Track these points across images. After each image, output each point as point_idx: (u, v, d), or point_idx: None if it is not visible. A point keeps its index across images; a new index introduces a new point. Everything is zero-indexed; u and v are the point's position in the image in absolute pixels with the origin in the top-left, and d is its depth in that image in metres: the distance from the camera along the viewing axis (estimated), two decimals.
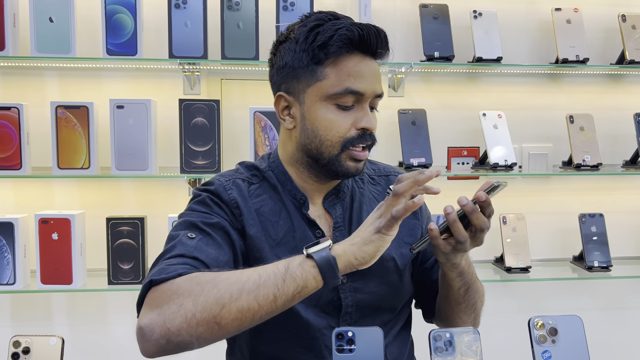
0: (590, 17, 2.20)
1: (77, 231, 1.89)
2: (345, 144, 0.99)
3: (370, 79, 0.98)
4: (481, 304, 1.10)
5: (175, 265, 0.89)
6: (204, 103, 1.93)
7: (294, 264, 0.86)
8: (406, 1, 2.17)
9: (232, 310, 0.83)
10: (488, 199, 0.90)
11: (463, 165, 2.19)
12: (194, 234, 0.95)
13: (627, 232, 2.31)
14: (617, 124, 2.27)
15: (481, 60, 2.07)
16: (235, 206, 1.02)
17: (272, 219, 1.03)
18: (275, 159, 1.09)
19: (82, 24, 1.99)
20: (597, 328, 2.25)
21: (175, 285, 0.85)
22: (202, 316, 0.82)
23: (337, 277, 0.86)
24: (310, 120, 1.00)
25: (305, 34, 0.98)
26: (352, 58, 0.97)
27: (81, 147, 1.90)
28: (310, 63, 0.98)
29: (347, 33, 0.95)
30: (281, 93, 1.03)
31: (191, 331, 0.82)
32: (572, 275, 2.20)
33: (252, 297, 0.83)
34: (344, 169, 1.01)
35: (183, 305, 0.83)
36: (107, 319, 2.12)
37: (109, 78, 2.07)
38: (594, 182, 2.32)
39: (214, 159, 1.93)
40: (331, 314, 1.03)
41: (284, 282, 0.84)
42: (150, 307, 0.85)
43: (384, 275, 1.06)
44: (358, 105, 0.99)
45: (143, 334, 0.83)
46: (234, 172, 1.09)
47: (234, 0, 1.93)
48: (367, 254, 0.86)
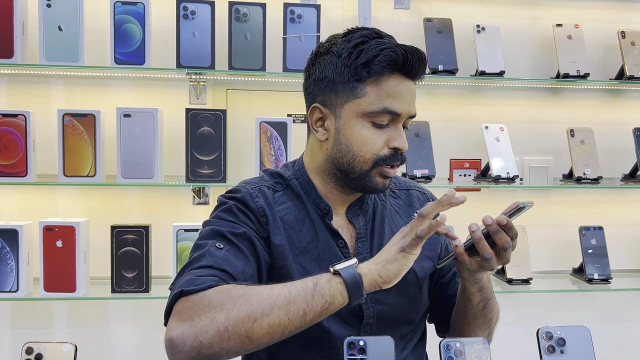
0: (591, 33, 2.24)
1: (82, 239, 1.89)
2: (377, 162, 1.00)
3: (407, 100, 1.00)
4: (496, 321, 1.12)
5: (204, 277, 0.89)
6: (211, 113, 1.95)
7: (322, 281, 0.87)
8: (411, 15, 2.21)
9: (263, 325, 0.84)
10: (509, 223, 0.92)
11: (465, 177, 2.21)
12: (221, 244, 0.96)
13: (627, 245, 2.34)
14: (616, 138, 2.30)
15: (484, 73, 2.10)
16: (262, 214, 1.03)
17: (295, 227, 1.04)
18: (300, 167, 1.10)
19: (91, 33, 2.01)
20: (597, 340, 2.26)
21: (207, 298, 0.86)
22: (235, 330, 0.83)
23: (362, 294, 0.88)
24: (345, 135, 1.01)
25: (349, 49, 0.99)
26: (393, 78, 0.98)
27: (87, 155, 1.91)
28: (352, 79, 0.99)
29: (392, 54, 0.96)
30: (317, 105, 1.03)
31: (222, 344, 0.83)
32: (572, 287, 2.21)
33: (283, 312, 0.85)
34: (373, 184, 1.02)
35: (215, 319, 0.84)
36: (108, 327, 2.12)
37: (116, 87, 2.08)
38: (594, 195, 2.34)
39: (219, 168, 1.95)
40: (352, 325, 1.04)
41: (313, 298, 0.86)
42: (180, 318, 0.86)
43: (405, 288, 1.07)
44: (393, 125, 1.01)
45: (174, 346, 0.84)
46: (259, 179, 1.09)
47: (241, 11, 1.95)
48: (392, 273, 0.88)
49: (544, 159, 2.28)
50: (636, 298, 2.36)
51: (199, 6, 1.93)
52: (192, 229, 1.92)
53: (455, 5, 2.23)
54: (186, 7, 1.93)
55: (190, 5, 1.93)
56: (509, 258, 0.95)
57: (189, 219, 2.10)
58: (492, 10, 2.26)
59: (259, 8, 1.96)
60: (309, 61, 1.07)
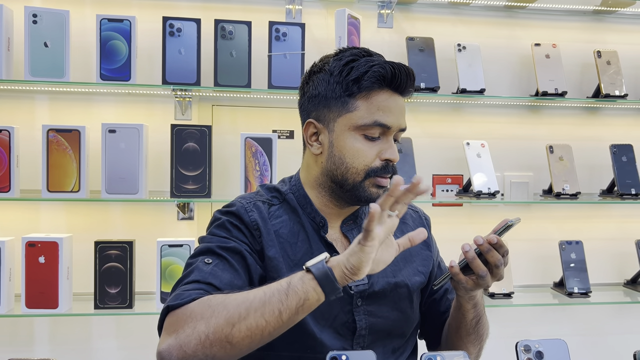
0: (568, 53, 2.30)
1: (65, 255, 1.88)
2: (369, 173, 1.04)
3: (397, 114, 1.04)
4: (486, 336, 1.15)
5: (190, 291, 0.93)
6: (196, 128, 1.96)
7: (295, 279, 0.89)
8: (394, 34, 2.25)
9: (242, 328, 0.86)
10: (500, 241, 0.96)
11: (447, 193, 2.24)
12: (210, 260, 0.99)
13: (605, 259, 2.38)
14: (594, 154, 2.36)
15: (465, 91, 2.15)
16: (256, 227, 1.05)
17: (290, 240, 1.07)
18: (296, 182, 1.13)
19: (77, 49, 2.02)
20: (577, 353, 2.29)
21: (189, 310, 0.89)
22: (215, 337, 0.86)
23: (336, 287, 0.88)
24: (339, 147, 1.05)
25: (340, 67, 1.04)
26: (382, 93, 1.03)
27: (71, 171, 1.91)
28: (343, 95, 1.04)
29: (381, 70, 1.01)
30: (311, 120, 1.08)
31: (206, 351, 0.86)
32: (553, 301, 2.25)
33: (259, 314, 0.86)
34: (367, 194, 1.05)
35: (196, 328, 0.87)
36: (91, 344, 2.09)
37: (101, 103, 2.09)
38: (573, 210, 2.39)
39: (204, 183, 1.96)
40: (345, 336, 1.06)
41: (287, 297, 0.87)
42: (167, 332, 0.90)
43: (397, 301, 1.10)
44: (384, 138, 1.05)
45: (162, 358, 0.88)
46: (254, 194, 1.13)
47: (227, 29, 1.98)
48: (353, 265, 0.87)
49: (524, 174, 2.33)
50: (615, 311, 2.40)
51: (185, 24, 1.95)
52: (177, 244, 1.92)
53: (437, 24, 2.29)
54: (172, 25, 1.95)
55: (176, 23, 1.95)
56: (502, 274, 0.99)
57: (174, 235, 2.10)
58: (472, 29, 2.32)
59: (244, 26, 1.99)
60: (303, 80, 1.12)
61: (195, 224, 2.13)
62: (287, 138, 2.20)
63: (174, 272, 1.92)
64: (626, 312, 2.41)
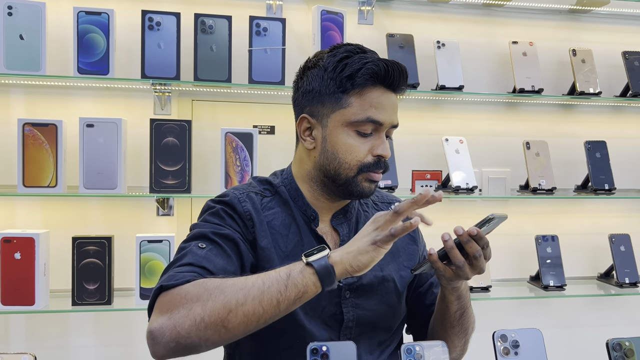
0: (544, 51, 2.34)
1: (42, 251, 1.85)
2: (362, 168, 1.05)
3: (389, 110, 1.05)
4: (472, 330, 1.16)
5: (183, 273, 0.94)
6: (175, 123, 1.95)
7: (295, 271, 0.91)
8: (374, 30, 2.27)
9: (238, 314, 0.87)
10: (479, 234, 0.96)
11: (427, 188, 2.26)
12: (204, 244, 1.00)
13: (580, 253, 2.44)
14: (569, 150, 2.40)
15: (444, 88, 2.17)
16: (249, 218, 1.07)
17: (282, 232, 1.09)
18: (288, 175, 1.15)
19: (54, 42, 1.99)
20: (552, 344, 2.34)
21: (184, 291, 0.89)
22: (211, 320, 0.87)
23: (334, 282, 0.91)
24: (332, 143, 1.06)
25: (334, 63, 1.05)
26: (375, 90, 1.04)
27: (48, 165, 1.88)
28: (337, 91, 1.05)
29: (374, 67, 1.02)
30: (305, 115, 1.09)
31: (200, 334, 0.86)
32: (530, 294, 2.29)
33: (257, 302, 0.88)
34: (360, 189, 1.07)
35: (192, 310, 0.87)
36: (68, 341, 2.07)
37: (79, 97, 2.06)
38: (548, 205, 2.44)
39: (184, 178, 1.95)
40: (333, 327, 1.08)
41: (286, 288, 0.89)
42: (160, 311, 0.90)
43: (384, 295, 1.12)
44: (376, 134, 1.06)
45: (153, 337, 0.88)
46: (247, 185, 1.14)
47: (207, 23, 1.97)
48: (362, 263, 0.91)
49: (501, 170, 2.36)
50: (589, 304, 2.46)
51: (165, 18, 1.94)
52: (156, 240, 1.91)
53: (416, 21, 2.31)
54: (151, 19, 1.93)
55: (156, 17, 1.93)
56: (483, 267, 1.00)
57: (153, 230, 2.08)
58: (451, 27, 2.34)
59: (224, 20, 1.98)
60: (297, 75, 1.13)
61: (175, 219, 2.11)
62: (268, 133, 2.20)
63: (153, 268, 1.91)
64: (599, 304, 2.47)
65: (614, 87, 2.41)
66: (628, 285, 2.26)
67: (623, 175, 2.39)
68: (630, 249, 2.30)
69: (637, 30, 2.49)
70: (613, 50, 2.40)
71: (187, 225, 2.07)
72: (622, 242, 2.30)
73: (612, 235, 2.31)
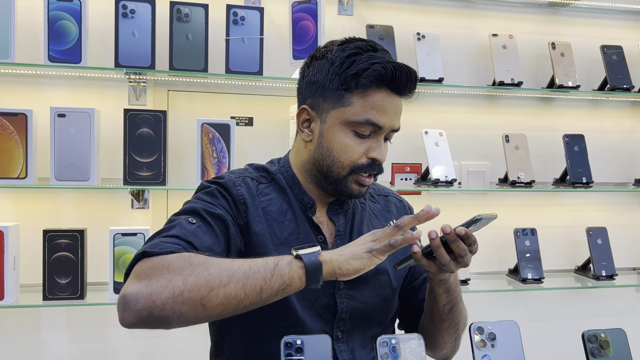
0: (524, 44, 2.35)
1: (11, 244, 1.80)
2: (354, 169, 1.04)
3: (392, 115, 1.03)
4: (463, 326, 1.15)
5: (169, 244, 0.91)
6: (150, 113, 1.90)
7: (284, 262, 0.90)
8: (354, 21, 2.24)
9: (219, 294, 0.85)
10: (467, 233, 0.95)
11: (406, 181, 2.25)
12: (194, 220, 0.97)
13: (558, 246, 2.45)
14: (548, 144, 2.41)
15: (424, 80, 2.16)
16: (242, 202, 1.05)
17: (278, 218, 1.07)
18: (285, 163, 1.13)
19: (23, 29, 1.93)
20: (530, 336, 2.36)
21: (167, 261, 0.86)
22: (190, 295, 0.84)
23: (319, 281, 0.90)
24: (328, 139, 1.05)
25: (342, 59, 1.02)
26: (379, 92, 1.01)
27: (18, 156, 1.82)
28: (340, 88, 1.02)
29: (381, 70, 0.99)
30: (305, 106, 1.07)
31: (176, 308, 0.83)
32: (508, 287, 2.30)
33: (240, 285, 0.86)
34: (348, 190, 1.06)
35: (172, 281, 0.84)
36: (39, 336, 2.02)
37: (50, 86, 2.00)
38: (527, 198, 2.45)
39: (159, 170, 1.91)
40: (326, 319, 1.07)
41: (272, 277, 0.88)
42: (138, 277, 0.86)
43: (378, 288, 1.11)
44: (374, 136, 1.04)
45: (126, 302, 0.83)
46: (243, 170, 1.12)
47: (183, 12, 1.92)
48: (353, 268, 0.91)
49: (480, 163, 2.36)
50: (566, 297, 2.48)
51: (139, 5, 1.89)
52: (130, 233, 1.87)
53: (396, 13, 2.29)
54: (125, 6, 1.88)
55: (130, 4, 1.88)
56: (467, 262, 0.99)
57: (127, 223, 2.04)
58: (432, 19, 2.33)
59: (201, 9, 1.94)
60: (305, 63, 1.10)
61: (150, 212, 2.07)
62: (245, 125, 2.16)
63: (127, 262, 1.86)
64: (577, 297, 2.49)
65: (592, 81, 2.42)
66: (605, 277, 2.28)
67: (601, 168, 2.41)
68: (607, 242, 2.32)
69: (615, 25, 2.50)
70: (591, 44, 2.41)
71: (163, 218, 2.06)
72: (599, 235, 2.32)
73: (590, 229, 2.33)
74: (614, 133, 2.52)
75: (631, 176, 2.51)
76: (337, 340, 1.08)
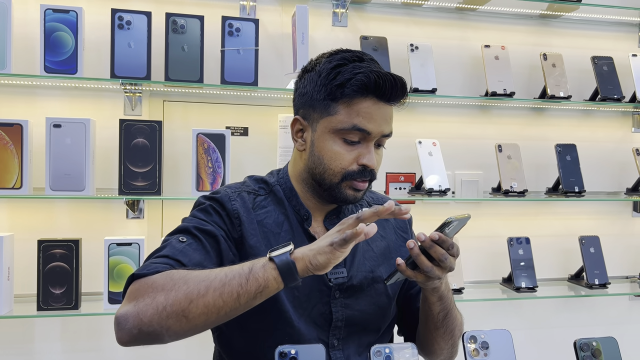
0: (516, 55, 2.37)
1: (5, 254, 1.80)
2: (345, 176, 1.06)
3: (379, 121, 1.05)
4: (459, 333, 1.15)
5: (157, 264, 0.95)
6: (145, 124, 1.91)
7: (258, 266, 0.91)
8: (348, 33, 2.27)
9: (199, 305, 0.88)
10: (441, 237, 0.96)
11: (400, 191, 2.27)
12: (185, 238, 1.01)
13: (551, 254, 2.47)
14: (540, 153, 2.43)
15: (417, 91, 2.18)
16: (236, 216, 1.07)
17: (274, 230, 1.09)
18: (284, 174, 1.16)
19: (20, 40, 1.94)
20: (524, 345, 2.37)
21: (152, 280, 0.91)
22: (172, 309, 0.88)
23: (296, 279, 0.91)
24: (318, 148, 1.07)
25: (328, 70, 1.06)
26: (365, 101, 1.03)
27: (13, 166, 1.83)
28: (327, 98, 1.05)
29: (364, 79, 1.02)
30: (298, 117, 1.11)
31: (162, 322, 0.88)
32: (502, 296, 2.31)
33: (217, 294, 0.88)
34: (343, 195, 1.08)
35: (156, 299, 0.89)
36: (33, 347, 2.01)
37: (46, 96, 2.01)
38: (520, 207, 2.46)
39: (154, 180, 1.91)
40: (322, 327, 1.08)
41: (247, 281, 0.89)
42: (128, 299, 0.92)
43: (374, 296, 1.12)
44: (364, 143, 1.06)
45: (118, 323, 0.90)
46: (240, 184, 1.15)
47: (179, 23, 1.94)
48: (319, 263, 0.91)
49: (474, 173, 2.38)
50: (560, 305, 2.49)
51: (135, 16, 1.90)
52: (125, 243, 1.87)
53: (390, 24, 2.31)
54: (121, 17, 1.89)
55: (126, 16, 1.90)
56: (452, 266, 0.99)
57: (122, 233, 2.04)
58: (425, 30, 2.35)
59: (196, 20, 1.95)
60: (298, 75, 1.14)
61: (145, 222, 2.07)
62: (241, 135, 2.17)
63: (122, 272, 1.87)
64: (570, 305, 2.50)
65: (584, 91, 2.45)
66: (598, 286, 2.30)
67: (593, 178, 2.43)
68: (599, 251, 2.34)
69: (605, 36, 2.54)
70: (582, 55, 2.44)
71: (158, 228, 2.07)
72: (592, 244, 2.34)
73: (582, 237, 2.34)
74: (605, 142, 2.55)
75: (622, 185, 2.53)
76: (333, 347, 1.09)
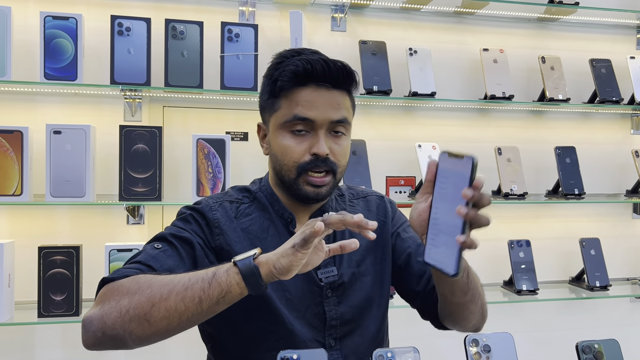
0: (514, 58, 2.38)
1: (6, 261, 1.80)
2: (300, 169, 1.06)
3: (323, 107, 1.05)
4: (482, 290, 1.11)
5: (128, 269, 0.96)
6: (145, 129, 1.92)
7: (221, 270, 0.89)
8: (347, 37, 2.27)
9: (161, 309, 0.87)
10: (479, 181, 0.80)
11: (400, 194, 2.27)
12: (160, 245, 1.02)
13: (552, 257, 2.47)
14: (539, 156, 2.44)
15: (416, 94, 2.18)
16: (217, 225, 1.08)
17: (260, 235, 1.10)
18: (265, 182, 1.17)
19: (20, 47, 1.94)
20: (525, 348, 2.36)
21: (119, 284, 0.91)
22: (135, 313, 0.87)
23: (260, 284, 0.87)
24: (273, 146, 1.10)
25: (269, 70, 1.10)
26: (304, 90, 1.05)
27: (13, 173, 1.83)
28: (270, 96, 1.09)
29: (293, 68, 1.04)
30: (259, 123, 1.15)
31: (124, 326, 0.87)
32: (503, 298, 2.31)
33: (179, 298, 0.87)
34: (303, 192, 1.07)
35: (120, 302, 0.89)
36: (33, 354, 2.00)
37: (46, 103, 2.01)
38: (520, 210, 2.46)
39: (154, 186, 1.91)
40: (317, 328, 1.08)
41: (210, 286, 0.87)
42: (96, 302, 0.92)
43: (362, 290, 1.13)
44: (313, 132, 1.06)
45: (84, 326, 0.90)
46: (223, 194, 1.16)
47: (178, 29, 1.95)
48: (283, 266, 0.86)
49: None
50: (561, 308, 2.49)
51: (134, 23, 1.91)
52: (126, 248, 1.87)
53: (389, 29, 2.32)
54: (121, 24, 1.90)
55: (125, 22, 1.90)
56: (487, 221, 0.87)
57: (122, 239, 2.04)
58: (423, 34, 2.36)
59: (196, 26, 1.96)
60: None
61: (146, 228, 2.07)
62: (241, 140, 2.18)
63: None
64: (571, 308, 2.50)
65: (582, 94, 2.46)
66: (599, 288, 2.30)
67: (592, 180, 2.44)
68: (600, 253, 2.34)
69: (603, 39, 2.55)
70: (581, 58, 2.45)
71: None
72: (592, 246, 2.34)
73: (583, 240, 2.34)
74: (604, 145, 2.55)
75: (622, 187, 2.53)
76: (330, 348, 1.09)
